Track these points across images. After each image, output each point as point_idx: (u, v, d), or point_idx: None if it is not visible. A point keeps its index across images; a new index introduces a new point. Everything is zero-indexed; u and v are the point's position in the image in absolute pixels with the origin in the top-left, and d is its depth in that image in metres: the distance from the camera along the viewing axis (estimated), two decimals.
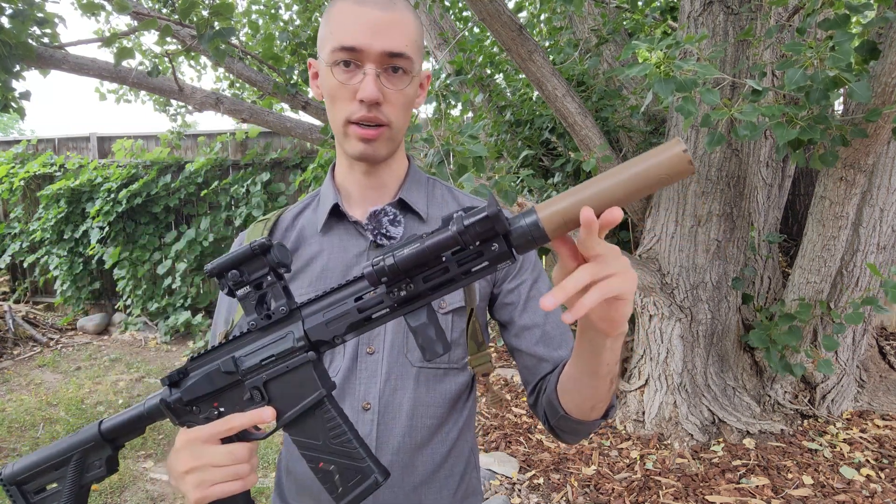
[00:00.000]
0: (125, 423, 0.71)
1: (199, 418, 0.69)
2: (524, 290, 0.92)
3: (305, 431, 0.67)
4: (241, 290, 0.66)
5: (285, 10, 4.63)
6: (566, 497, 2.61)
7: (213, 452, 0.65)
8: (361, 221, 0.90)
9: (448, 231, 0.55)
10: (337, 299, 0.64)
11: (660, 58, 1.89)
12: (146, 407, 0.71)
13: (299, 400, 0.66)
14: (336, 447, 0.67)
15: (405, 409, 0.87)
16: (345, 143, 0.85)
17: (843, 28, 1.88)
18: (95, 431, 0.72)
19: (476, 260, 0.56)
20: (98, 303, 6.32)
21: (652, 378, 3.09)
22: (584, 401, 0.77)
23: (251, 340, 0.67)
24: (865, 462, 2.70)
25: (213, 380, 0.67)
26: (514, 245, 0.55)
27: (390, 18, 0.80)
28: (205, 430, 0.66)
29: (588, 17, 3.67)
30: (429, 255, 0.56)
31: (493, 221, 0.53)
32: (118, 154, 6.11)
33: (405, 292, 0.59)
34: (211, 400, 0.68)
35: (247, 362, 0.66)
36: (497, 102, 3.89)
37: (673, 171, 0.51)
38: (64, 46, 3.35)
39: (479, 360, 0.90)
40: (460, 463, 0.94)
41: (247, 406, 0.67)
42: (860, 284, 2.93)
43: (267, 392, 0.67)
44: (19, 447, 3.45)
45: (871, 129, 2.33)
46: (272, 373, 0.66)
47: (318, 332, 0.64)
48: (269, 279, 0.65)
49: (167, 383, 0.69)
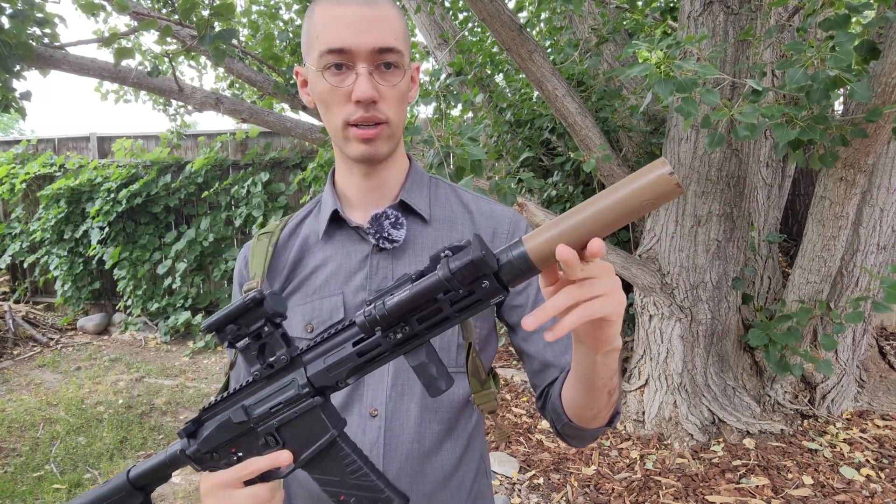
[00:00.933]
0: (150, 471, 0.75)
1: (220, 464, 0.71)
2: (532, 293, 0.91)
3: (323, 469, 0.70)
4: (240, 342, 0.67)
5: (285, 10, 4.63)
6: (566, 497, 2.61)
7: (237, 496, 0.68)
8: (363, 226, 0.89)
9: (435, 276, 0.55)
10: (335, 344, 0.66)
11: (660, 58, 1.88)
12: (168, 455, 0.74)
13: (312, 442, 0.68)
14: (354, 481, 0.69)
15: (413, 415, 0.86)
16: (345, 146, 0.84)
17: (843, 28, 1.88)
18: (124, 480, 0.75)
19: (468, 298, 0.57)
20: (98, 303, 6.32)
21: (652, 378, 3.09)
22: (584, 410, 0.77)
23: (258, 389, 0.69)
24: (865, 462, 2.70)
25: (226, 430, 0.70)
26: (505, 280, 0.56)
27: (375, 14, 0.78)
28: (226, 476, 0.68)
29: (588, 17, 3.67)
30: (419, 301, 0.57)
31: (479, 265, 0.53)
32: (118, 154, 6.11)
33: (401, 335, 0.60)
34: (228, 446, 0.71)
35: (257, 410, 0.68)
36: (497, 102, 3.89)
37: (659, 193, 0.50)
38: (64, 46, 3.35)
39: (483, 398, 0.88)
40: (471, 470, 0.93)
41: (263, 450, 0.70)
42: (860, 284, 2.93)
43: (280, 437, 0.69)
44: (19, 447, 3.45)
45: (871, 129, 2.33)
46: (283, 419, 0.68)
47: (320, 378, 0.66)
48: (267, 329, 0.66)
49: (183, 435, 0.72)
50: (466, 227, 0.93)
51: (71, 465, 3.21)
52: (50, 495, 2.91)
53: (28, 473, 3.14)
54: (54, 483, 3.02)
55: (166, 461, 0.74)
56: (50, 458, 3.30)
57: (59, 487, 2.98)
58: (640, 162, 3.45)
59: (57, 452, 3.36)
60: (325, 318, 0.87)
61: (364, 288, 0.88)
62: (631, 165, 3.33)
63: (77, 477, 3.07)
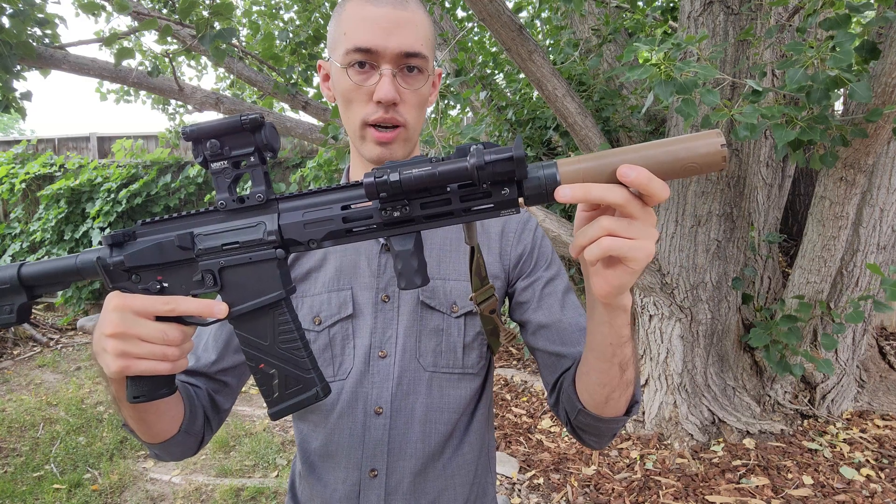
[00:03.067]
0: (50, 271, 0.64)
1: (136, 288, 0.63)
2: (538, 288, 0.91)
3: (254, 329, 0.63)
4: (217, 163, 0.59)
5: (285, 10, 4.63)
6: (566, 497, 2.61)
7: (144, 325, 0.60)
8: None
9: (465, 162, 0.51)
10: (322, 202, 0.59)
11: (660, 59, 1.88)
12: (78, 260, 0.63)
13: (255, 296, 0.61)
14: (283, 352, 0.63)
15: (418, 414, 0.86)
16: (361, 146, 0.84)
17: (843, 28, 1.88)
18: (13, 273, 0.64)
19: (481, 199, 0.53)
20: (98, 303, 6.32)
21: (652, 378, 3.10)
22: (595, 388, 0.73)
23: (216, 220, 0.61)
24: (865, 462, 2.70)
25: (163, 251, 0.61)
26: (526, 195, 0.53)
27: (404, 17, 0.79)
28: (143, 302, 0.60)
29: (588, 17, 3.67)
30: (437, 182, 0.52)
31: (516, 164, 0.50)
32: (118, 154, 6.11)
33: (398, 213, 0.55)
34: (155, 271, 0.62)
35: (206, 242, 0.61)
36: (498, 102, 3.89)
37: (705, 161, 0.49)
38: (64, 46, 3.35)
39: (484, 294, 0.84)
40: (475, 468, 0.93)
41: (195, 287, 0.62)
42: (860, 284, 2.93)
43: (221, 279, 0.61)
44: (19, 447, 3.45)
45: (871, 130, 2.33)
46: (232, 261, 0.60)
47: (293, 230, 0.59)
48: (252, 160, 0.59)
49: (109, 242, 0.63)
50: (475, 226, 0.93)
51: (71, 465, 3.21)
52: (50, 495, 2.90)
53: (28, 473, 3.14)
54: (54, 483, 3.02)
55: (73, 266, 0.63)
56: (50, 458, 3.30)
57: (59, 487, 2.98)
58: None
59: (57, 452, 3.36)
60: (333, 311, 0.88)
61: (372, 286, 0.88)
62: None
63: (77, 477, 3.07)
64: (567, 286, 0.92)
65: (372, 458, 0.86)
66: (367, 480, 0.86)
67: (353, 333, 0.88)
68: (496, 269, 0.91)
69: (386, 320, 0.88)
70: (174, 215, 0.63)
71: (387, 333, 0.87)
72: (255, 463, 3.20)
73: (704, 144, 0.49)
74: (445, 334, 0.87)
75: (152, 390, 0.63)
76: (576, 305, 0.91)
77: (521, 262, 0.92)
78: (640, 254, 0.52)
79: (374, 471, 0.86)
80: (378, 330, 0.87)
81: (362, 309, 0.88)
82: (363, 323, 0.87)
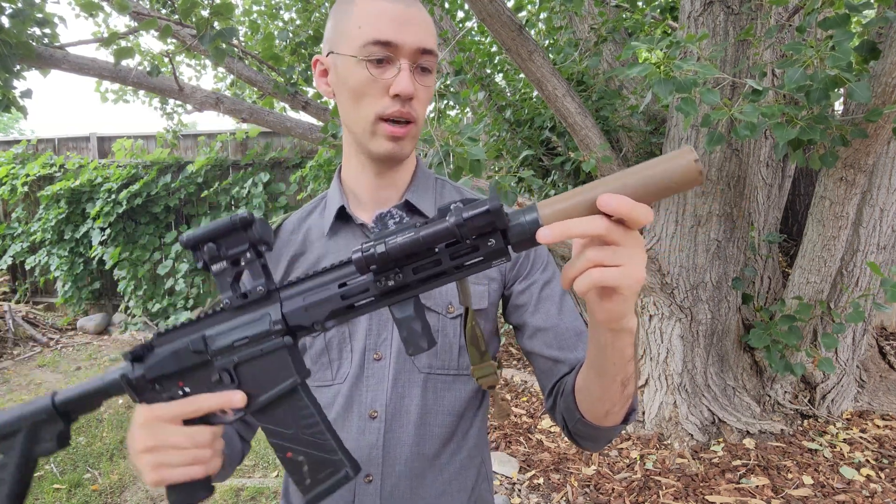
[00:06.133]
0: (81, 396, 0.66)
1: (161, 396, 0.65)
2: (535, 291, 0.89)
3: (276, 419, 0.64)
4: (216, 265, 0.61)
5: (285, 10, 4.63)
6: (566, 497, 2.61)
7: (174, 433, 0.62)
8: (368, 224, 0.89)
9: (445, 222, 0.52)
10: (319, 283, 0.61)
11: (660, 58, 1.88)
12: (105, 381, 0.66)
13: (272, 386, 0.63)
14: (307, 438, 0.63)
15: (413, 416, 0.85)
16: (371, 141, 0.82)
17: (843, 27, 1.88)
18: (48, 404, 0.66)
19: (470, 254, 0.54)
20: (98, 303, 6.32)
21: (652, 378, 3.09)
22: (595, 403, 0.73)
23: (224, 319, 0.63)
24: (865, 462, 2.70)
25: (180, 358, 0.63)
26: (512, 242, 0.53)
27: (417, 15, 0.79)
28: (167, 409, 0.62)
29: (588, 17, 3.67)
30: (422, 246, 0.53)
31: (494, 216, 0.51)
32: (118, 154, 6.11)
33: (393, 282, 0.56)
34: (176, 379, 0.64)
35: (218, 342, 0.62)
36: (497, 102, 3.89)
37: (683, 178, 0.50)
38: (64, 46, 3.35)
39: (483, 370, 0.85)
40: (472, 474, 0.91)
41: (215, 388, 0.64)
42: (860, 284, 2.93)
43: (237, 375, 0.63)
44: None
45: (871, 130, 2.33)
46: (244, 355, 0.62)
47: (296, 316, 0.61)
48: (249, 256, 0.60)
49: (130, 358, 0.65)
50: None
51: (71, 465, 3.21)
52: (50, 495, 2.90)
53: None
54: (54, 483, 3.02)
55: (101, 387, 0.66)
56: (50, 457, 3.30)
57: (59, 487, 2.98)
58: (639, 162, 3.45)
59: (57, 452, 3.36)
60: None
61: None
62: (631, 165, 3.33)
63: (77, 477, 3.07)
64: (564, 289, 0.91)
65: (367, 463, 0.84)
66: (361, 486, 0.85)
67: (350, 336, 0.87)
68: (493, 271, 0.90)
69: (380, 322, 0.87)
70: (186, 321, 0.65)
71: (382, 335, 0.86)
72: (255, 463, 3.20)
73: (679, 164, 0.50)
74: (441, 335, 0.87)
75: (191, 494, 0.65)
76: (573, 309, 0.90)
77: (517, 264, 0.91)
78: (629, 280, 0.52)
79: (368, 476, 0.85)
80: (373, 332, 0.87)
81: None
82: (358, 325, 0.87)
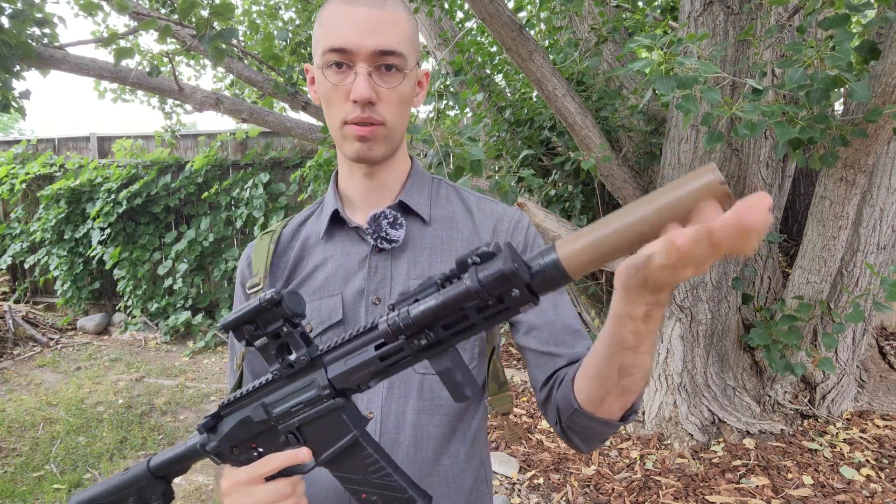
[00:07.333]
0: (170, 461, 0.75)
1: (240, 458, 0.72)
2: None
3: (344, 468, 0.69)
4: (258, 341, 0.66)
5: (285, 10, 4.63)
6: (566, 497, 2.61)
7: (258, 492, 0.67)
8: (363, 226, 0.89)
9: (463, 286, 0.53)
10: (357, 346, 0.64)
11: (661, 55, 1.88)
12: (187, 448, 0.74)
13: (334, 441, 0.68)
14: (376, 481, 0.68)
15: (409, 417, 0.85)
16: (343, 144, 0.85)
17: (843, 27, 1.88)
18: (145, 469, 0.75)
19: (496, 306, 0.54)
20: (98, 303, 6.32)
21: (652, 378, 3.09)
22: (594, 386, 0.70)
23: (278, 388, 0.69)
24: (865, 462, 2.70)
25: (248, 426, 0.70)
26: (536, 289, 0.53)
27: (381, 17, 0.79)
28: (247, 473, 0.68)
29: (588, 17, 3.67)
30: (446, 310, 0.55)
31: (509, 278, 0.51)
32: (118, 154, 6.11)
33: (425, 341, 0.58)
34: (248, 443, 0.71)
35: (277, 409, 0.68)
36: (497, 102, 3.89)
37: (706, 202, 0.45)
38: (64, 46, 3.35)
39: (501, 400, 0.89)
40: (470, 475, 0.91)
41: (283, 448, 0.69)
42: (860, 284, 2.93)
43: (301, 435, 0.69)
44: (19, 447, 3.45)
45: (871, 129, 2.32)
46: (304, 418, 0.67)
47: (342, 380, 0.65)
48: (286, 329, 0.65)
49: (203, 430, 0.72)
50: (467, 226, 0.92)
51: (71, 465, 3.21)
52: (50, 495, 2.91)
53: (28, 473, 3.14)
54: (54, 483, 3.02)
55: (186, 454, 0.74)
56: (50, 458, 3.30)
57: (59, 487, 2.98)
58: (639, 162, 3.45)
59: (57, 452, 3.36)
60: (324, 318, 0.87)
61: (363, 288, 0.87)
62: (631, 165, 3.33)
63: (77, 477, 3.07)
64: None
65: None
66: None
67: None
68: None
69: None
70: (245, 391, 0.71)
71: None
72: None
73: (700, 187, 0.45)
74: None
75: None
76: (568, 306, 0.89)
77: None
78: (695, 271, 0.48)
79: None
80: None
81: (352, 314, 0.87)
82: (355, 326, 0.87)
